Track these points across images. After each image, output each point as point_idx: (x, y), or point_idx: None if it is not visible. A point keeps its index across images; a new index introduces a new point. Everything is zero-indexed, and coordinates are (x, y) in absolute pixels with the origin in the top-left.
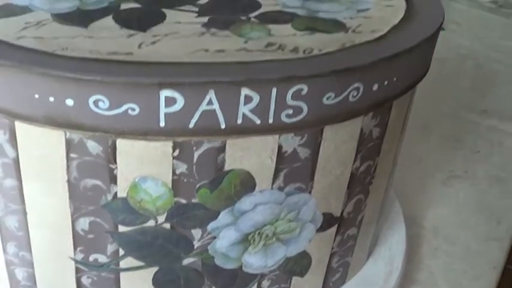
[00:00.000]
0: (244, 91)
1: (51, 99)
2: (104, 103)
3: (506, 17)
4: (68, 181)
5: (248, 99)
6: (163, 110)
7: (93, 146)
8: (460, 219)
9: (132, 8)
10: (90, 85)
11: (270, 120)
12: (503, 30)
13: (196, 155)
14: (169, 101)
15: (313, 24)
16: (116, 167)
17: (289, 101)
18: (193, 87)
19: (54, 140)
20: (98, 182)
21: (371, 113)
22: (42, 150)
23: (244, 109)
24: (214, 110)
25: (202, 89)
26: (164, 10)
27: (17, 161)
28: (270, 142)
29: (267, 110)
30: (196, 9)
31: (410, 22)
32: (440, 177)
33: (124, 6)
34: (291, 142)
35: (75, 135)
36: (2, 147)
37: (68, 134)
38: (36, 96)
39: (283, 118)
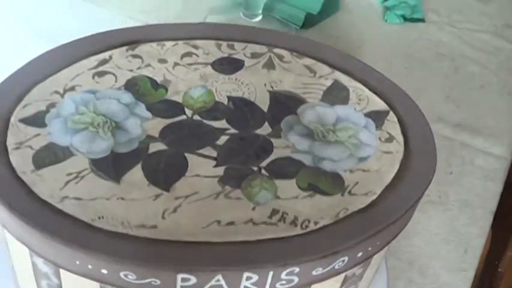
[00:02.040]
0: (246, 274)
1: (90, 266)
2: (132, 276)
3: (484, 4)
4: None
5: (249, 278)
6: (179, 284)
7: None
8: (432, 250)
9: (159, 152)
10: (121, 264)
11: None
12: (481, 20)
13: None
14: (185, 280)
15: (315, 180)
16: None
17: (283, 276)
18: (205, 273)
19: (92, 285)
20: None
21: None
22: (80, 285)
23: (245, 283)
24: (221, 285)
25: (212, 273)
26: (186, 155)
27: (60, 285)
28: None
29: (264, 284)
30: (215, 155)
31: (403, 180)
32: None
33: (152, 148)
34: None
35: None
36: (47, 275)
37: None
38: (77, 262)
39: (277, 286)
